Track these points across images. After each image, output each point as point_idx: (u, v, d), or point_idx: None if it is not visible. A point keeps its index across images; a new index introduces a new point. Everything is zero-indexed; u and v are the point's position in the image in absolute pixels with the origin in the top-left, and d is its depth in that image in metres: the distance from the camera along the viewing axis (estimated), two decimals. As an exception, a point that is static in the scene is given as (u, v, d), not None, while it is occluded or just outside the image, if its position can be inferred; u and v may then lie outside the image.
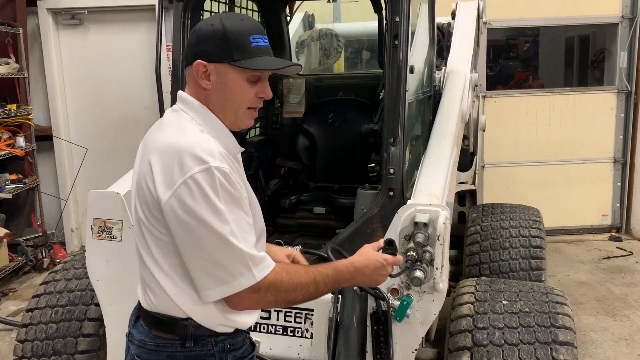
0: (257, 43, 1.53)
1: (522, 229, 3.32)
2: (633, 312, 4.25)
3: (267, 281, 1.47)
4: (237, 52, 1.51)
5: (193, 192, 1.40)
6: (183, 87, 2.69)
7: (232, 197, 1.44)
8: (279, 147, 3.81)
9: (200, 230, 1.41)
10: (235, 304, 1.50)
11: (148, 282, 1.56)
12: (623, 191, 6.09)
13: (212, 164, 1.41)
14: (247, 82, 1.54)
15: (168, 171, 1.43)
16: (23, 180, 5.47)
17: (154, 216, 1.48)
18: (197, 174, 1.40)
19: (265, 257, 1.49)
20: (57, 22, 5.94)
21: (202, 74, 1.53)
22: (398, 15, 2.36)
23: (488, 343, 2.17)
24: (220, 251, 1.42)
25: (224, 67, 1.52)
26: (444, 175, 2.45)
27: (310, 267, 1.61)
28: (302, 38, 4.48)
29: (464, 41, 3.93)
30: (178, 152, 1.43)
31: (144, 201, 1.50)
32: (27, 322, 2.65)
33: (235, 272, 1.43)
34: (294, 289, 1.52)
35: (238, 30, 1.52)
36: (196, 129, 1.52)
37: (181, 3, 2.63)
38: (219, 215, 1.41)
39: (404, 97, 2.37)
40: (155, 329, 1.56)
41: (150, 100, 5.93)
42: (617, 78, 5.93)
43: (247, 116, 1.60)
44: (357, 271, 1.62)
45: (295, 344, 2.35)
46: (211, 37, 1.52)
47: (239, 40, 1.51)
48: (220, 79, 1.53)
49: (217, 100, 1.56)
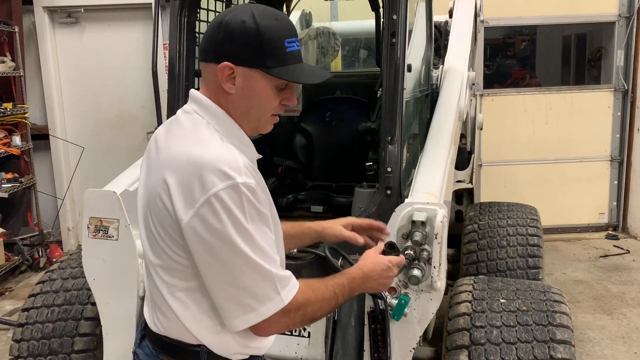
0: (291, 48, 1.40)
1: (520, 228, 3.32)
2: (630, 310, 4.25)
3: (297, 302, 1.38)
4: (271, 58, 1.37)
5: (217, 211, 1.26)
6: (180, 86, 2.69)
7: (259, 214, 1.32)
8: (276, 145, 3.80)
9: (227, 253, 1.29)
10: (264, 330, 1.38)
11: (158, 303, 1.45)
12: (620, 190, 6.11)
13: (238, 179, 1.28)
14: (274, 90, 1.42)
15: (188, 188, 1.29)
16: (19, 179, 5.45)
17: (171, 237, 1.35)
18: (222, 191, 1.26)
19: (291, 277, 1.39)
20: (53, 21, 5.92)
21: (227, 77, 1.38)
22: (395, 13, 2.35)
23: (486, 341, 2.17)
24: (248, 275, 1.30)
25: (254, 73, 1.38)
26: (441, 174, 2.45)
27: (328, 281, 1.51)
28: (299, 36, 4.47)
29: (462, 39, 3.93)
30: (199, 167, 1.29)
31: (158, 219, 1.37)
32: (23, 321, 2.64)
33: (264, 296, 1.32)
34: (319, 307, 1.44)
35: (273, 32, 1.37)
36: (215, 137, 1.38)
37: (178, 1, 2.62)
38: (247, 236, 1.29)
39: (402, 96, 2.37)
40: (164, 353, 1.47)
41: (147, 98, 5.91)
42: (614, 76, 5.94)
43: (269, 122, 1.48)
44: (366, 276, 1.58)
45: (292, 343, 2.35)
46: (242, 37, 1.36)
47: (273, 44, 1.37)
48: (248, 85, 1.40)
49: (240, 105, 1.42)
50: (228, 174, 1.28)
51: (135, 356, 1.55)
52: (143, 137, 5.97)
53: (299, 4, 4.02)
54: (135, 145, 5.93)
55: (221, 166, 1.28)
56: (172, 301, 1.41)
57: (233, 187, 1.27)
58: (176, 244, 1.35)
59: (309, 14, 4.79)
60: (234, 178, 1.28)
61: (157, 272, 1.42)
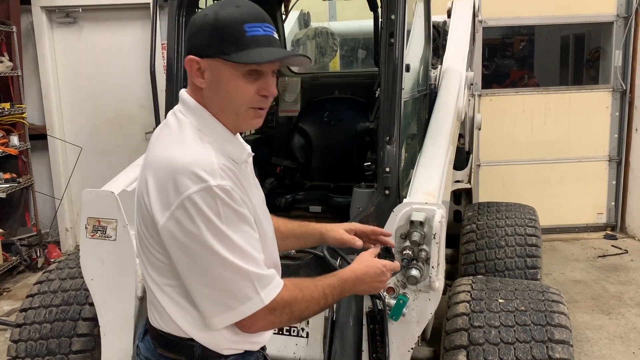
0: (253, 32, 1.34)
1: (518, 228, 3.32)
2: (628, 310, 4.26)
3: (283, 300, 1.38)
4: (229, 44, 1.33)
5: (191, 214, 1.27)
6: (179, 86, 2.69)
7: (237, 214, 1.32)
8: (275, 145, 3.80)
9: (202, 254, 1.29)
10: (249, 328, 1.39)
11: (151, 299, 1.48)
12: (618, 189, 6.11)
13: (211, 182, 1.28)
14: (243, 79, 1.36)
15: (163, 191, 1.30)
16: (17, 180, 5.44)
17: (152, 236, 1.37)
18: (195, 194, 1.27)
19: (274, 277, 1.39)
20: (51, 20, 5.91)
21: (196, 71, 1.38)
22: (394, 13, 2.35)
23: (484, 342, 2.17)
24: (225, 276, 1.31)
25: (217, 63, 1.35)
26: (439, 174, 2.45)
27: (318, 281, 1.50)
28: (297, 36, 4.47)
29: (460, 40, 3.93)
30: (174, 170, 1.29)
31: (142, 218, 1.40)
32: (21, 322, 2.63)
33: (242, 296, 1.33)
34: (307, 306, 1.44)
35: (231, 19, 1.33)
36: (196, 138, 1.37)
37: (176, 1, 2.62)
38: (222, 237, 1.29)
39: (400, 96, 2.36)
40: (161, 347, 1.48)
41: (145, 98, 5.90)
42: (612, 77, 5.95)
43: (249, 117, 1.41)
44: (358, 279, 1.58)
45: (291, 343, 2.34)
46: (203, 28, 1.35)
47: (231, 30, 1.33)
48: (214, 77, 1.37)
49: (213, 99, 1.40)
50: (201, 177, 1.28)
51: (137, 349, 1.57)
52: (141, 137, 5.97)
53: (297, 4, 4.02)
54: (134, 145, 5.92)
55: (194, 169, 1.28)
56: (161, 297, 1.43)
57: (206, 189, 1.28)
58: (157, 242, 1.37)
59: (308, 14, 4.80)
60: (207, 181, 1.28)
61: (147, 269, 1.45)
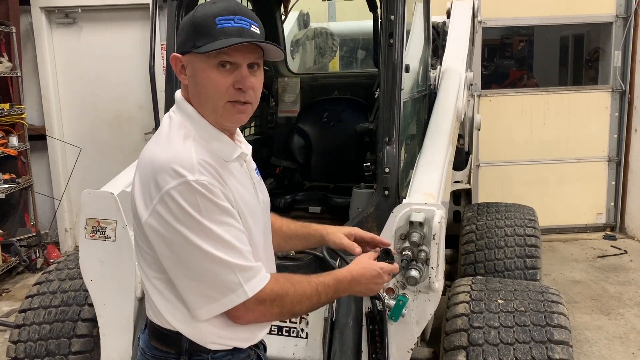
0: (223, 25, 1.36)
1: (517, 228, 3.32)
2: (627, 311, 4.26)
3: (273, 293, 1.41)
4: (201, 38, 1.36)
5: (171, 208, 1.32)
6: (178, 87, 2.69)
7: (219, 207, 1.35)
8: (274, 146, 3.80)
9: (184, 248, 1.33)
10: (240, 318, 1.42)
11: (145, 292, 1.52)
12: (617, 190, 6.12)
13: (189, 177, 1.32)
14: (216, 71, 1.38)
15: (146, 187, 1.36)
16: (16, 180, 5.44)
17: (140, 230, 1.42)
18: (173, 189, 1.31)
19: (260, 270, 1.41)
20: (50, 21, 5.91)
21: (180, 69, 1.44)
22: (393, 13, 2.35)
23: (484, 342, 2.17)
24: (207, 268, 1.34)
25: (192, 57, 1.40)
26: (439, 174, 2.45)
27: (312, 278, 1.53)
28: (297, 37, 4.47)
29: (459, 40, 3.93)
30: (155, 167, 1.35)
31: (133, 214, 1.45)
32: (20, 322, 2.63)
33: (225, 288, 1.36)
34: (299, 301, 1.46)
35: (204, 14, 1.38)
36: (181, 135, 1.41)
37: (175, 2, 2.62)
38: (203, 230, 1.32)
39: (399, 96, 2.37)
40: (154, 339, 1.51)
41: (145, 99, 5.91)
42: (612, 77, 5.95)
43: (228, 112, 1.42)
44: (354, 280, 1.58)
45: (290, 344, 2.34)
46: (184, 26, 1.42)
47: (203, 24, 1.37)
48: (192, 71, 1.41)
49: (195, 95, 1.43)
50: (179, 172, 1.32)
51: (138, 341, 1.60)
52: (141, 138, 5.97)
53: (297, 5, 4.02)
54: (133, 145, 5.92)
55: (173, 165, 1.33)
56: (151, 290, 1.47)
57: (184, 184, 1.32)
58: (144, 236, 1.41)
59: (307, 14, 4.80)
60: (184, 176, 1.32)
61: (140, 263, 1.49)
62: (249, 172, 1.56)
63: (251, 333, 1.52)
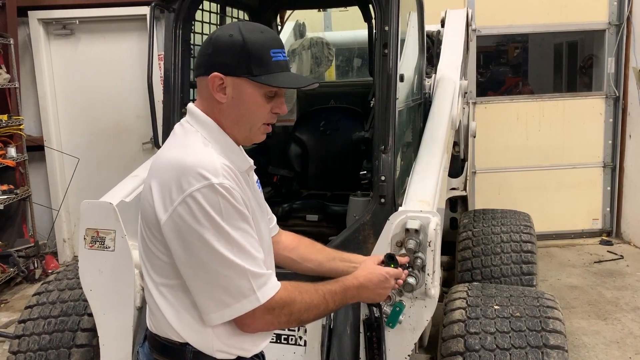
0: (277, 58, 1.48)
1: (513, 234, 3.34)
2: (624, 316, 4.28)
3: (282, 300, 1.43)
4: (257, 66, 1.45)
5: (193, 210, 1.33)
6: (176, 97, 2.71)
7: (238, 213, 1.38)
8: (271, 155, 3.82)
9: (202, 250, 1.35)
10: (248, 326, 1.43)
11: (149, 303, 1.52)
12: (613, 195, 6.15)
13: (213, 180, 1.35)
14: (263, 98, 1.48)
15: (167, 190, 1.37)
16: (14, 191, 5.44)
17: (154, 235, 1.43)
18: (197, 192, 1.33)
19: (271, 277, 1.43)
20: (48, 32, 5.94)
21: (218, 87, 1.46)
22: (387, 24, 2.38)
23: (480, 348, 2.19)
24: (222, 272, 1.36)
25: (242, 82, 1.46)
26: (434, 182, 2.47)
27: (320, 286, 1.55)
28: (293, 47, 4.50)
29: (454, 49, 3.97)
30: (178, 170, 1.37)
31: (145, 220, 1.45)
32: (20, 333, 2.63)
33: (238, 294, 1.37)
34: (307, 309, 1.48)
35: (258, 44, 1.45)
36: (199, 142, 1.45)
37: (172, 14, 2.65)
38: (223, 234, 1.35)
39: (394, 105, 2.39)
40: (156, 352, 1.52)
41: (142, 109, 5.93)
42: (605, 84, 6.00)
43: (261, 131, 1.54)
44: (362, 286, 1.60)
45: (288, 352, 2.35)
46: (230, 48, 1.45)
47: (259, 54, 1.45)
48: (237, 94, 1.47)
49: (231, 114, 1.49)
50: (204, 175, 1.35)
51: (137, 355, 1.61)
52: (139, 148, 5.99)
53: (293, 15, 4.06)
54: (131, 155, 5.94)
55: (198, 169, 1.36)
56: (158, 298, 1.47)
57: (208, 187, 1.34)
58: (159, 241, 1.42)
59: (303, 24, 4.84)
60: (209, 179, 1.35)
61: (147, 271, 1.49)
62: (253, 185, 1.60)
63: (255, 342, 1.53)
